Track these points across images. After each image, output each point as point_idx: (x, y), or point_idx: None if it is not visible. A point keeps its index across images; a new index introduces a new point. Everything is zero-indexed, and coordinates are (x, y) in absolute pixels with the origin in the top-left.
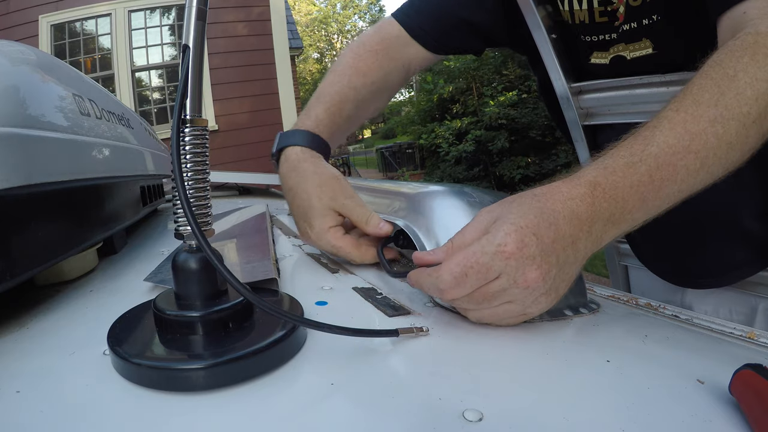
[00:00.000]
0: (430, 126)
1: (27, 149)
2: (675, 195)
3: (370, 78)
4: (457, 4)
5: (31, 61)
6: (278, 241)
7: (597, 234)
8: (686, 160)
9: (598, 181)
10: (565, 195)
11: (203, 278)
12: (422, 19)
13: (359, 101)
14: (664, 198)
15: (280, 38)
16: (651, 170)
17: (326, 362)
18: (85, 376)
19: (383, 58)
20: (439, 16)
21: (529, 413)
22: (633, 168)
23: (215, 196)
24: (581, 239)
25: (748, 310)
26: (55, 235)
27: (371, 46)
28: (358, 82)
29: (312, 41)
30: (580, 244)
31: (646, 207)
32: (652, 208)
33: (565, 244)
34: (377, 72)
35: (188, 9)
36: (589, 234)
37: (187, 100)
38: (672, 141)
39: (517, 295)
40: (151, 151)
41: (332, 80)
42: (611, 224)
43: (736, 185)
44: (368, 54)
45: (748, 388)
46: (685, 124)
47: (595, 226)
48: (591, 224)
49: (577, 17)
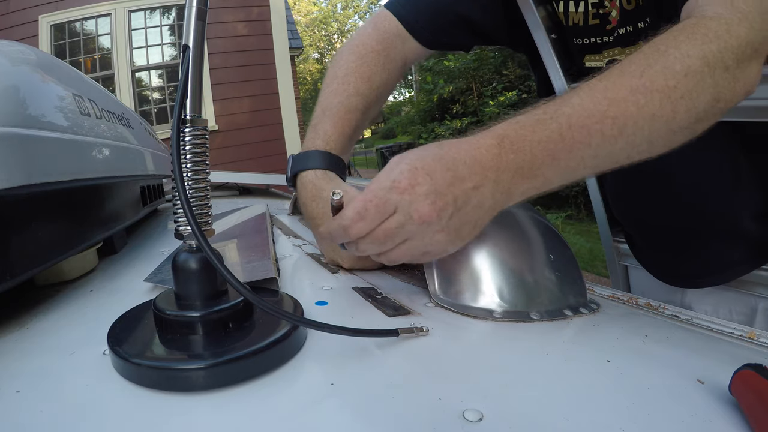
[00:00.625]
0: (430, 126)
1: (27, 149)
2: (591, 160)
3: (375, 82)
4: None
5: (31, 61)
6: (278, 241)
7: (505, 184)
8: (602, 125)
9: (507, 133)
10: (472, 144)
11: (203, 278)
12: (418, 12)
13: (366, 108)
14: (578, 160)
15: (280, 38)
16: (562, 129)
17: (326, 362)
18: (85, 376)
19: (385, 60)
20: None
21: (529, 413)
22: (543, 124)
23: (215, 196)
24: (485, 185)
25: (748, 310)
26: (55, 235)
27: (372, 47)
28: (364, 88)
29: (312, 41)
30: (484, 190)
31: (558, 166)
32: (565, 169)
33: (465, 187)
34: (381, 75)
35: (188, 9)
36: (496, 183)
37: (187, 100)
38: (588, 105)
39: (414, 232)
40: (151, 151)
41: (336, 89)
42: (520, 177)
43: (734, 185)
44: (371, 55)
45: (748, 388)
46: (605, 91)
47: (502, 175)
48: (497, 172)
49: (572, 19)
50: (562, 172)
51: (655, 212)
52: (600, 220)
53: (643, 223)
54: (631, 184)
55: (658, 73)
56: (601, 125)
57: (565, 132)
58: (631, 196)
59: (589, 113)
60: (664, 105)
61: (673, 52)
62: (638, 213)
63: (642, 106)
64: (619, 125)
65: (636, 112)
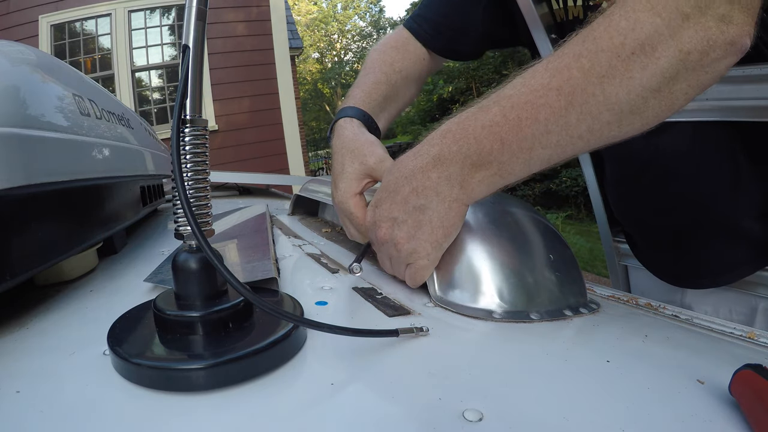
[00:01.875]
0: (429, 126)
1: (27, 149)
2: (545, 137)
3: (396, 66)
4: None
5: (31, 61)
6: (278, 241)
7: (456, 175)
8: (547, 98)
9: (449, 128)
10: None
11: (203, 278)
12: (430, 28)
13: (391, 84)
14: (531, 140)
15: (280, 38)
16: (504, 110)
17: (326, 362)
18: (85, 376)
19: (404, 52)
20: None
21: (529, 413)
22: (484, 110)
23: (215, 196)
24: (428, 187)
25: (748, 310)
26: (55, 235)
27: (391, 44)
28: (387, 69)
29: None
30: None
31: (510, 149)
32: (520, 151)
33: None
34: (402, 62)
35: (188, 9)
36: (445, 180)
37: (187, 100)
38: (530, 81)
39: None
40: (151, 151)
41: (365, 73)
42: (471, 166)
43: (734, 185)
44: (391, 50)
45: (748, 388)
46: (548, 64)
47: (450, 168)
48: (442, 169)
49: (571, 13)
50: (517, 155)
51: (655, 212)
52: (600, 220)
53: (643, 223)
54: (631, 185)
55: (602, 33)
56: (546, 98)
57: (508, 113)
58: (631, 196)
59: (532, 89)
60: (613, 64)
61: (618, 11)
62: (638, 213)
63: (587, 70)
64: (565, 95)
65: (582, 78)
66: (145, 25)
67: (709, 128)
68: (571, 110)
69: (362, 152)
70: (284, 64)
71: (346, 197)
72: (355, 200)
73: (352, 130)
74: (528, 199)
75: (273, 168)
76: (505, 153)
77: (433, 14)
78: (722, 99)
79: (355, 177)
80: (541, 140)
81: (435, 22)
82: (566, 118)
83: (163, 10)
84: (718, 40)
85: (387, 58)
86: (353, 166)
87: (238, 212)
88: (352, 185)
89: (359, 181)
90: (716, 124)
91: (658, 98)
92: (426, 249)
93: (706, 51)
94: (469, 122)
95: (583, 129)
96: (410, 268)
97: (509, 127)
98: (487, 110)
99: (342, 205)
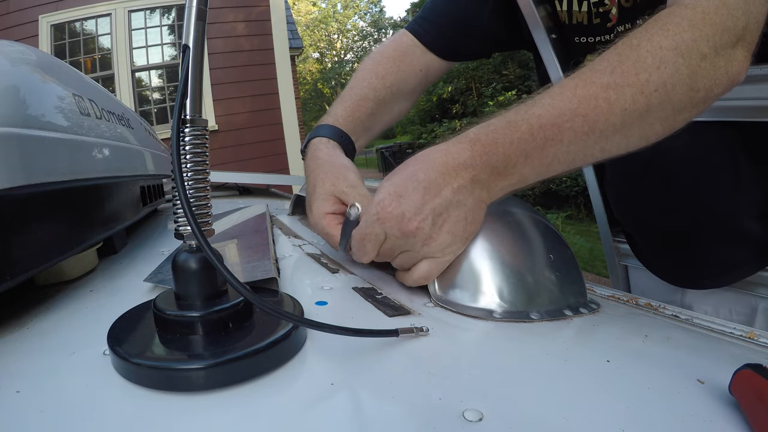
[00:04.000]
0: (429, 126)
1: (27, 149)
2: (564, 156)
3: (388, 80)
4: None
5: (31, 61)
6: (278, 241)
7: (483, 182)
8: (572, 123)
9: (479, 137)
10: (442, 152)
11: (203, 278)
12: (434, 30)
13: (379, 100)
14: (551, 157)
15: (280, 38)
16: (533, 129)
17: (326, 362)
18: (85, 376)
19: (400, 63)
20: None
21: (529, 413)
22: (513, 126)
23: (215, 196)
24: (464, 185)
25: (748, 310)
26: (55, 235)
27: (388, 54)
28: (377, 83)
29: (312, 41)
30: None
31: (532, 163)
32: (541, 165)
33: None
34: (395, 75)
35: (188, 9)
36: (475, 181)
37: (187, 100)
38: (559, 104)
39: (406, 245)
40: (151, 151)
41: (353, 84)
42: (497, 175)
43: (734, 186)
44: (386, 60)
45: (748, 388)
46: (575, 89)
47: (480, 174)
48: (474, 171)
49: (575, 18)
50: (536, 168)
51: (656, 212)
52: (600, 220)
53: (643, 223)
54: (631, 185)
55: (630, 67)
56: (572, 123)
57: (536, 132)
58: (631, 197)
59: (560, 112)
60: (636, 99)
61: (645, 45)
62: (638, 213)
63: (613, 102)
64: (590, 122)
65: (606, 108)
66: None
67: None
68: (591, 135)
69: (335, 175)
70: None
71: (318, 218)
72: (327, 220)
73: (327, 152)
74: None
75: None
76: (527, 167)
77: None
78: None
79: (327, 198)
80: (560, 158)
81: (439, 24)
82: (585, 141)
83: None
84: (723, 78)
85: (380, 70)
86: (324, 187)
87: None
88: (324, 206)
89: (332, 203)
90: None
91: (664, 125)
92: (458, 244)
93: (711, 88)
94: (498, 135)
95: (596, 149)
96: (427, 263)
97: (535, 145)
98: (516, 127)
99: (316, 226)
